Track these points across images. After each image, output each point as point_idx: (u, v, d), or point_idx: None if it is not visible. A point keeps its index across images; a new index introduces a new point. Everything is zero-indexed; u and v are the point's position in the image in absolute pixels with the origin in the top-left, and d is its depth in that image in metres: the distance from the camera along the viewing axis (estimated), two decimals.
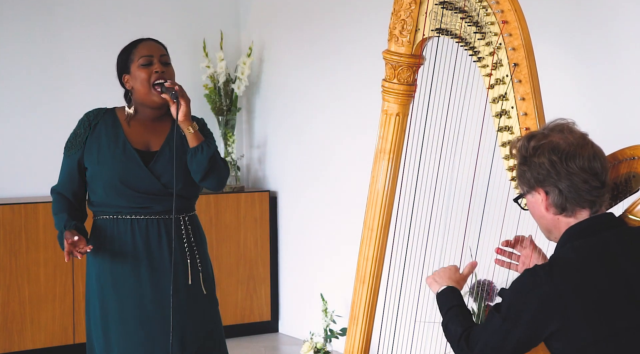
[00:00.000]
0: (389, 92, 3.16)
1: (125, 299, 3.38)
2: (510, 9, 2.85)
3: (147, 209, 3.38)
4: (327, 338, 5.14)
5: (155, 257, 3.38)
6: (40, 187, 5.76)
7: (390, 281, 3.24)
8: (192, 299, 3.42)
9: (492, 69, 2.90)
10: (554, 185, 2.46)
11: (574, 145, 2.46)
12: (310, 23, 5.80)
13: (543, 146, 2.47)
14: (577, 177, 2.44)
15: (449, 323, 2.58)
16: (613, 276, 2.40)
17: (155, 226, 3.39)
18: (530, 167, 2.49)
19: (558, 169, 2.45)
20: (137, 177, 3.36)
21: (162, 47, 3.46)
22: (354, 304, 3.26)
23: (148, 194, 3.37)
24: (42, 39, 5.78)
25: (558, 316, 2.36)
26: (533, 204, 2.54)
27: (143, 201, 3.37)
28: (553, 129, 2.51)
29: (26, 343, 5.36)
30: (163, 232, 3.39)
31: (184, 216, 3.43)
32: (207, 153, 3.34)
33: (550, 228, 2.54)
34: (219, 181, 3.41)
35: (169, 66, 3.42)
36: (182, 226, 3.42)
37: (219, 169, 3.38)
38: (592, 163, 2.45)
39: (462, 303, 2.64)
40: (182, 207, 3.43)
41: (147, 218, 3.39)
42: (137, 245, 3.38)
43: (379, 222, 3.19)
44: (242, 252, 5.95)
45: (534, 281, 2.39)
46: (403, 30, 3.10)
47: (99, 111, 3.49)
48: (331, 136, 5.67)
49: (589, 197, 2.46)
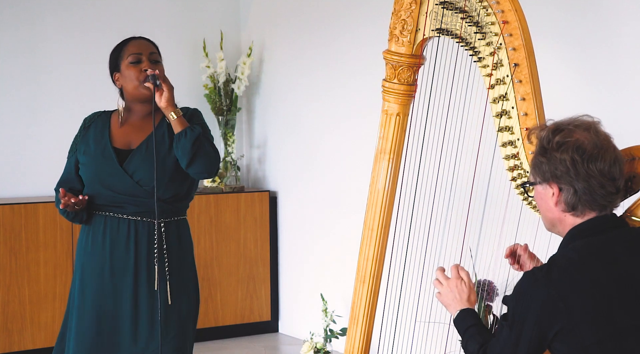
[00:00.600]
0: (389, 92, 3.16)
1: (87, 295, 3.39)
2: (511, 9, 2.85)
3: (121, 208, 3.36)
4: (327, 338, 5.14)
5: (120, 258, 3.35)
6: (40, 187, 5.76)
7: (390, 281, 3.23)
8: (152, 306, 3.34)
9: (493, 69, 2.90)
10: (570, 184, 2.44)
11: (598, 147, 2.43)
12: (311, 23, 5.80)
13: (568, 143, 2.43)
14: (594, 181, 2.42)
15: (468, 343, 2.59)
16: (615, 275, 2.40)
17: (126, 226, 3.36)
18: (549, 160, 2.45)
19: (578, 169, 2.42)
20: (111, 176, 3.36)
21: (152, 45, 3.46)
22: (354, 305, 3.26)
23: (123, 193, 3.35)
24: (42, 39, 5.77)
25: (560, 317, 2.36)
26: (542, 196, 2.51)
27: (119, 200, 3.36)
28: (579, 126, 2.47)
29: (26, 343, 5.36)
30: (132, 234, 3.35)
31: (159, 221, 3.35)
32: (190, 137, 3.28)
33: (554, 223, 2.52)
34: (207, 166, 3.32)
35: (158, 64, 3.41)
36: (154, 232, 3.34)
37: (205, 153, 3.30)
38: (612, 168, 2.43)
39: (477, 321, 2.63)
40: (160, 211, 3.34)
41: (119, 217, 3.36)
42: (105, 243, 3.37)
43: (379, 223, 3.19)
44: (242, 252, 5.94)
45: (533, 284, 2.39)
46: (403, 30, 3.10)
47: (94, 114, 3.53)
48: (331, 136, 5.67)
49: (603, 202, 2.45)
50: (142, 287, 3.34)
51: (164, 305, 3.33)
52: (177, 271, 3.38)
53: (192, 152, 3.28)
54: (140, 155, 3.36)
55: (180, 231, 3.43)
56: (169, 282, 3.35)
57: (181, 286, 3.40)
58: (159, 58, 3.43)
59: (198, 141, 3.29)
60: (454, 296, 2.72)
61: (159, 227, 3.35)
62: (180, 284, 3.39)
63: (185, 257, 3.44)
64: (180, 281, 3.39)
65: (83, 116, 3.61)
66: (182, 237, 3.43)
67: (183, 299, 3.40)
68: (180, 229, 3.43)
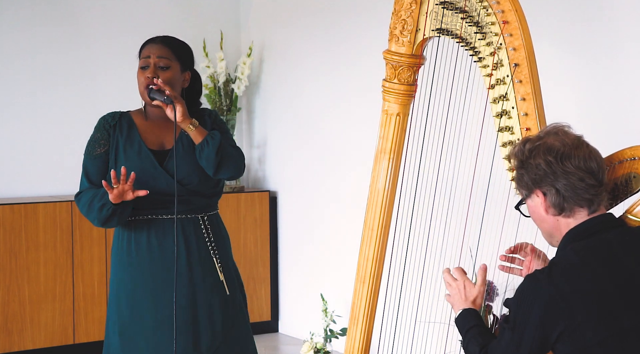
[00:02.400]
0: (389, 92, 3.16)
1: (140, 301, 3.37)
2: (511, 9, 2.85)
3: (166, 209, 3.36)
4: (327, 338, 5.14)
5: (171, 259, 3.33)
6: (40, 187, 5.76)
7: (390, 282, 3.23)
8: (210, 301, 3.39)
9: (493, 69, 2.90)
10: (551, 185, 2.48)
11: (569, 146, 2.48)
12: (311, 23, 5.80)
13: (538, 147, 2.50)
14: (573, 176, 2.46)
15: (469, 344, 2.60)
16: (615, 276, 2.40)
17: (170, 226, 3.35)
18: (527, 169, 2.51)
19: (554, 168, 2.46)
20: (153, 178, 3.35)
21: (165, 48, 3.38)
22: (354, 305, 3.26)
23: (167, 194, 3.34)
24: (42, 39, 5.77)
25: (562, 318, 2.36)
26: (533, 209, 2.56)
27: (162, 201, 3.35)
28: (548, 133, 2.54)
29: (26, 343, 5.36)
30: (180, 232, 3.36)
31: (202, 216, 3.41)
32: (212, 146, 3.30)
33: (551, 231, 2.55)
34: (235, 169, 3.37)
35: (166, 70, 3.35)
36: (202, 226, 3.40)
37: (230, 158, 3.34)
38: (588, 162, 2.47)
39: (479, 322, 2.64)
40: (201, 206, 3.41)
41: (164, 218, 3.36)
42: (151, 247, 3.36)
43: (379, 223, 3.19)
44: (242, 252, 5.94)
45: (535, 287, 2.40)
46: (403, 30, 3.10)
47: (114, 114, 3.47)
48: (332, 136, 5.67)
49: (587, 196, 2.47)
50: (198, 285, 3.37)
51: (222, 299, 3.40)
52: (226, 262, 3.46)
53: (217, 161, 3.31)
54: (178, 155, 3.35)
55: (220, 224, 3.50)
56: (223, 273, 3.42)
57: (231, 277, 3.46)
58: (169, 63, 3.36)
59: (221, 147, 3.31)
60: (460, 297, 2.74)
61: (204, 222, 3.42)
62: (230, 275, 3.46)
63: (227, 249, 3.50)
64: (230, 272, 3.46)
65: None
66: (222, 230, 3.50)
67: (236, 288, 3.48)
68: (220, 222, 3.50)
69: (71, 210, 5.41)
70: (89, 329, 5.49)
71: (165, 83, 3.32)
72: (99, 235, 5.47)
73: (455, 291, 2.75)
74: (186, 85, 3.43)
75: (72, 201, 5.41)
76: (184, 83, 3.42)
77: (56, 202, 5.42)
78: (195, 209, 3.39)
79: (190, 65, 3.47)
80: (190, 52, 3.48)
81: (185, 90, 3.44)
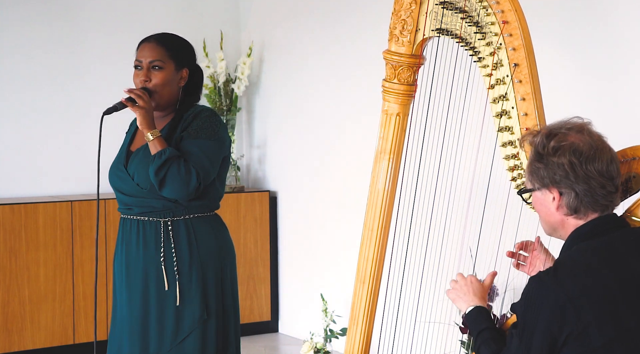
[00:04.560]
0: (389, 92, 3.16)
1: (115, 300, 3.42)
2: (511, 9, 2.85)
3: (130, 209, 3.36)
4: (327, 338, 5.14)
5: (131, 261, 3.34)
6: (40, 187, 5.76)
7: (390, 282, 3.23)
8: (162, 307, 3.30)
9: (493, 69, 2.90)
10: (570, 187, 2.43)
11: (593, 148, 2.43)
12: (311, 23, 5.80)
13: (564, 147, 2.43)
14: (594, 182, 2.42)
15: (481, 348, 2.56)
16: (621, 276, 2.39)
17: (135, 227, 3.34)
18: (547, 166, 2.45)
19: (577, 171, 2.42)
20: (118, 178, 3.37)
21: (158, 48, 3.36)
22: (354, 305, 3.25)
23: (128, 194, 3.35)
24: (42, 39, 5.77)
25: (569, 320, 2.33)
26: (541, 202, 2.51)
27: (127, 201, 3.36)
28: (572, 128, 2.47)
29: (26, 343, 5.36)
30: (141, 235, 3.32)
31: (166, 221, 3.32)
32: (154, 164, 3.22)
33: (556, 227, 2.52)
34: (175, 191, 3.23)
35: (158, 71, 3.33)
36: (162, 231, 3.31)
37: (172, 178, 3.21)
38: (610, 167, 2.43)
39: (491, 324, 2.60)
40: (162, 210, 3.31)
41: (130, 218, 3.36)
42: (122, 246, 3.38)
43: (379, 223, 3.19)
44: (242, 252, 5.94)
45: (541, 290, 2.37)
46: (403, 30, 3.10)
47: None
48: (331, 136, 5.67)
49: (604, 202, 2.45)
50: (151, 289, 3.31)
51: (173, 307, 3.29)
52: (188, 271, 3.31)
53: (158, 179, 3.22)
54: (138, 157, 3.34)
55: (194, 229, 3.33)
56: (179, 282, 3.29)
57: (193, 287, 3.31)
58: (163, 64, 3.33)
59: (165, 165, 3.21)
60: (467, 290, 2.69)
61: (166, 227, 3.31)
62: (192, 285, 3.31)
63: (200, 256, 3.33)
64: (192, 282, 3.31)
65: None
66: (196, 235, 3.33)
67: (195, 301, 3.31)
68: (195, 227, 3.34)
69: (71, 210, 5.41)
70: (89, 329, 5.49)
71: (159, 85, 3.32)
72: (99, 235, 5.47)
73: (459, 286, 2.71)
74: (183, 83, 3.39)
75: (72, 201, 5.42)
76: (180, 81, 3.39)
77: (56, 202, 5.42)
78: (157, 213, 3.31)
79: (187, 62, 3.42)
80: (187, 49, 3.44)
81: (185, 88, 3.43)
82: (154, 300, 3.30)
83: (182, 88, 3.40)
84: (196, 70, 3.47)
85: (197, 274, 3.31)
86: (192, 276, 3.31)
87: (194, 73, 3.45)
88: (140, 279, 3.31)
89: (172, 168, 3.21)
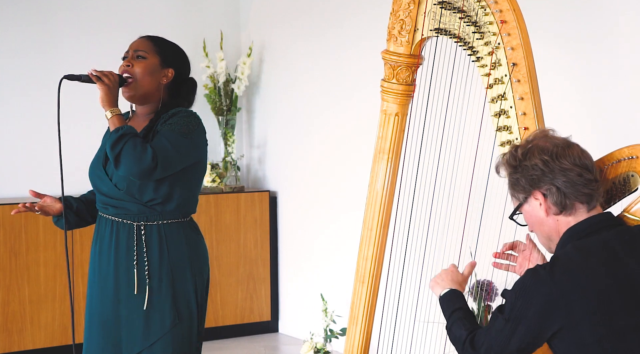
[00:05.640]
0: (388, 92, 3.16)
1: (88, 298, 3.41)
2: (509, 9, 2.85)
3: (106, 209, 3.35)
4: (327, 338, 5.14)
5: (103, 260, 3.33)
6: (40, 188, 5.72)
7: (389, 281, 3.23)
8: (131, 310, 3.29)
9: (491, 68, 2.90)
10: (550, 183, 2.48)
11: (560, 146, 2.51)
12: (310, 23, 5.80)
13: (531, 149, 2.51)
14: (571, 172, 2.47)
15: (453, 326, 2.58)
16: (614, 274, 2.41)
17: (109, 226, 3.33)
18: (523, 172, 2.51)
19: (552, 166, 2.48)
20: (97, 177, 3.36)
21: (146, 42, 3.39)
22: (354, 304, 3.26)
23: (106, 195, 3.33)
24: (42, 42, 5.78)
25: (561, 315, 2.36)
26: (531, 213, 2.55)
27: (104, 200, 3.35)
28: (536, 137, 2.56)
29: (26, 343, 5.36)
30: (114, 236, 3.31)
31: (138, 224, 3.29)
32: (111, 139, 3.20)
33: (550, 234, 2.55)
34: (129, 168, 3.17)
35: (141, 60, 3.34)
36: (134, 234, 3.29)
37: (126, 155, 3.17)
38: (582, 159, 2.49)
39: (465, 305, 2.65)
40: (136, 213, 3.30)
41: (106, 217, 3.34)
42: (96, 245, 3.37)
43: (378, 222, 3.19)
44: (242, 252, 5.94)
45: (536, 281, 2.40)
46: (402, 30, 3.10)
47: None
48: (331, 136, 5.67)
49: (586, 191, 2.48)
50: (122, 290, 3.30)
51: (143, 311, 3.27)
52: (158, 275, 3.29)
53: (114, 155, 3.19)
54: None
55: (165, 235, 3.32)
56: (148, 286, 3.28)
57: (163, 292, 3.30)
58: (146, 54, 3.35)
59: (121, 140, 3.19)
60: (442, 277, 2.75)
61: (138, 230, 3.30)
62: (162, 290, 3.30)
63: (171, 261, 3.31)
64: (162, 287, 3.30)
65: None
66: (167, 241, 3.32)
67: (166, 306, 3.29)
68: (166, 233, 3.32)
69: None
70: None
71: (139, 72, 3.33)
72: None
73: (442, 274, 2.77)
74: (165, 81, 3.37)
75: None
76: (162, 78, 3.38)
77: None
78: (131, 216, 3.30)
79: (174, 64, 3.41)
80: (176, 53, 3.44)
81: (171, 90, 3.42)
82: (124, 303, 3.30)
83: (165, 87, 3.38)
84: (187, 80, 3.46)
85: (167, 279, 3.31)
86: (162, 280, 3.30)
87: (183, 80, 3.44)
88: (111, 280, 3.31)
89: (128, 144, 3.18)
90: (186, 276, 3.34)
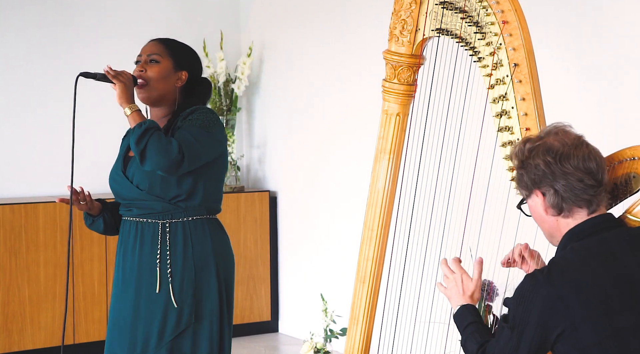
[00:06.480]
0: (389, 92, 3.16)
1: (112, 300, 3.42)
2: (511, 9, 2.85)
3: (130, 211, 3.35)
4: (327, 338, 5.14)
5: (127, 260, 3.34)
6: (40, 187, 5.76)
7: (390, 281, 3.23)
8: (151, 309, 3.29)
9: (493, 69, 2.90)
10: (549, 185, 2.48)
11: (568, 145, 2.48)
12: (311, 23, 5.80)
13: (538, 147, 2.50)
14: (572, 177, 2.46)
15: (467, 341, 2.60)
16: (614, 276, 2.40)
17: (133, 228, 3.34)
18: (526, 169, 2.52)
19: (553, 169, 2.47)
20: (117, 183, 3.38)
21: (158, 45, 3.40)
22: (354, 305, 3.26)
23: (128, 198, 3.34)
24: (42, 41, 5.78)
25: (562, 318, 2.36)
26: (534, 209, 2.56)
27: (128, 204, 3.36)
28: (548, 132, 2.54)
29: (26, 343, 5.36)
30: (138, 236, 3.32)
31: (164, 223, 3.31)
32: (135, 134, 3.20)
33: (552, 232, 2.55)
34: (156, 161, 3.17)
35: (154, 64, 3.35)
36: (159, 233, 3.30)
37: (152, 148, 3.17)
38: (587, 163, 2.47)
39: (477, 319, 2.64)
40: (161, 212, 3.31)
41: (129, 220, 3.35)
42: (120, 247, 3.38)
43: (379, 222, 3.19)
44: (242, 252, 5.94)
45: (534, 286, 2.40)
46: (403, 30, 3.10)
47: None
48: (331, 136, 5.67)
49: (585, 196, 2.48)
50: (143, 288, 3.30)
51: (162, 309, 3.27)
52: (180, 273, 3.30)
53: (139, 150, 3.19)
54: (136, 161, 3.31)
55: (190, 233, 3.33)
56: (171, 285, 3.28)
57: (185, 290, 3.30)
58: (159, 58, 3.36)
59: (145, 135, 3.18)
60: (457, 290, 2.72)
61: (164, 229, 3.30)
62: (183, 288, 3.30)
63: (195, 259, 3.32)
64: (184, 285, 3.30)
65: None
66: (192, 239, 3.32)
67: (186, 304, 3.29)
68: (191, 230, 3.33)
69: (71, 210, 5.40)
70: (89, 329, 5.49)
71: (153, 77, 3.33)
72: (99, 235, 5.47)
73: (452, 284, 2.73)
74: (180, 84, 3.39)
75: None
76: (177, 82, 3.39)
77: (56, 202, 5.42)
78: (155, 215, 3.31)
79: (187, 66, 3.41)
80: (189, 55, 3.44)
81: (185, 91, 3.43)
82: (145, 301, 3.30)
83: (180, 89, 3.39)
84: (202, 81, 3.48)
85: (189, 277, 3.31)
86: (185, 279, 3.30)
87: (198, 81, 3.45)
88: (133, 279, 3.32)
89: (153, 137, 3.18)
90: (210, 275, 3.35)
